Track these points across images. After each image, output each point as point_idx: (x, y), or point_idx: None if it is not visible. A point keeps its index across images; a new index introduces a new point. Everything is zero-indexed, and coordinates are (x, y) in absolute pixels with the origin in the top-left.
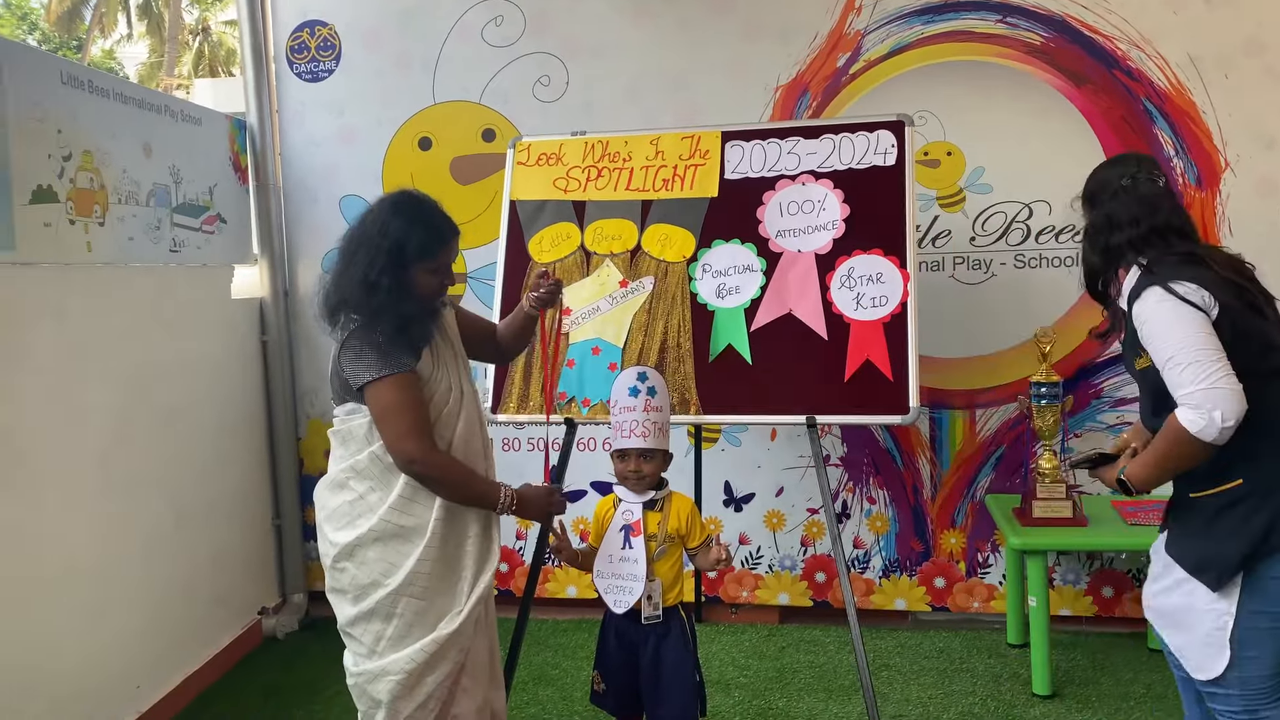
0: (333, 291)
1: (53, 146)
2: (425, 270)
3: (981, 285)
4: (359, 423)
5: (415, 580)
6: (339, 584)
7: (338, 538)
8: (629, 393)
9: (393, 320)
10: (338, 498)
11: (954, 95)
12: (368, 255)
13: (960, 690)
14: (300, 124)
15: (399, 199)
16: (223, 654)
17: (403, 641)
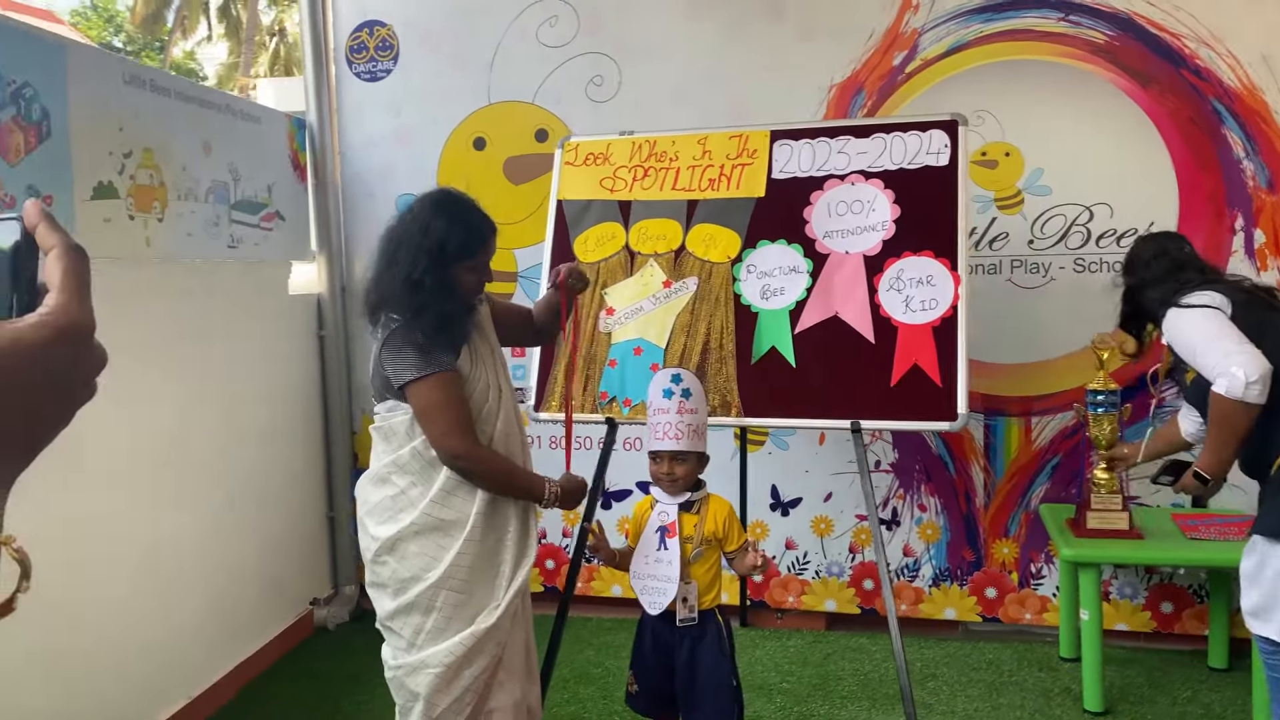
0: (373, 290)
1: (114, 144)
2: (466, 268)
3: (1039, 290)
4: (400, 419)
5: (455, 574)
6: (379, 578)
7: (379, 532)
8: (663, 394)
9: (434, 319)
10: (379, 492)
11: (1013, 95)
12: (410, 254)
13: (1008, 704)
14: (359, 123)
15: (439, 198)
16: (274, 642)
17: (441, 635)
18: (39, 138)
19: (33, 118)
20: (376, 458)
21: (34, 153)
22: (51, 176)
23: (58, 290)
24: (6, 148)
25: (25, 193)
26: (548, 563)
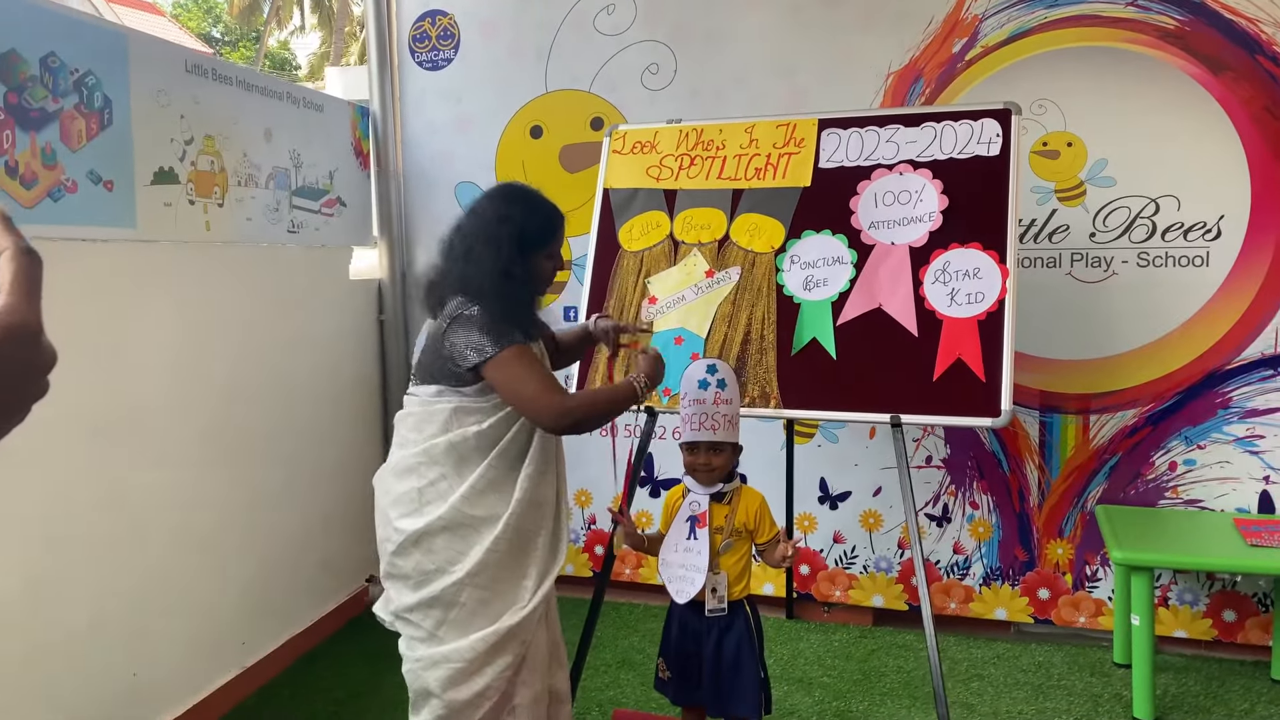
0: (445, 280)
1: (175, 131)
2: (544, 256)
3: (1100, 284)
4: (441, 407)
5: (482, 571)
6: (400, 570)
7: (404, 524)
8: (699, 385)
9: (514, 306)
10: (404, 483)
11: (1077, 83)
12: (494, 246)
13: (1054, 708)
14: (420, 111)
15: (509, 191)
16: (328, 618)
17: (463, 630)
18: (100, 125)
19: (94, 105)
20: (402, 446)
21: (95, 139)
22: (112, 162)
23: (6, 291)
24: (69, 134)
25: (87, 178)
26: (597, 548)
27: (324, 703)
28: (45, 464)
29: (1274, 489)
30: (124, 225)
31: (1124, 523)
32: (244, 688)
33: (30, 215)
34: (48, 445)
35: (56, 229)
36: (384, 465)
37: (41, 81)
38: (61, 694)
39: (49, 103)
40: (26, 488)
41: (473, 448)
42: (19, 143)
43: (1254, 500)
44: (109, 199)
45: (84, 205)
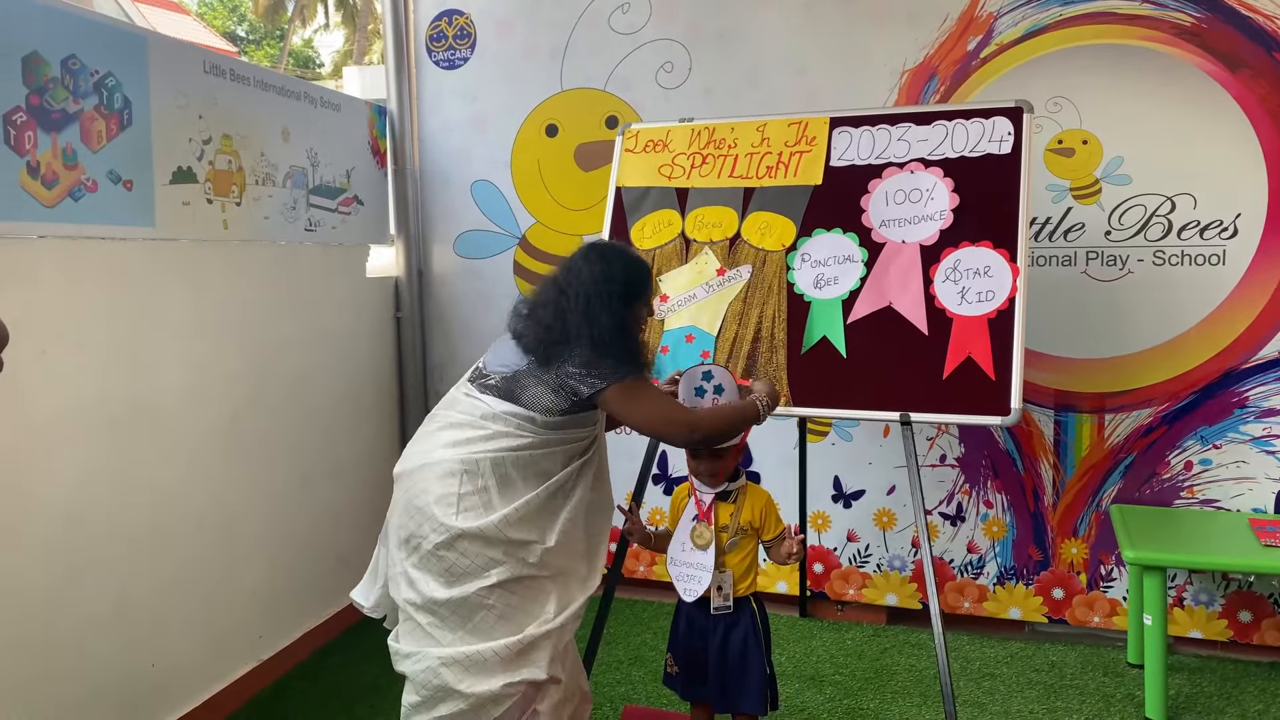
0: (574, 336)
1: (193, 131)
2: (642, 304)
3: (1116, 283)
4: (501, 427)
5: (513, 583)
6: (432, 567)
7: (450, 521)
8: (695, 393)
9: (635, 354)
10: (447, 485)
11: (1092, 81)
12: (605, 303)
13: (1065, 707)
14: (437, 110)
15: (603, 249)
16: (344, 612)
17: (487, 634)
18: (120, 125)
19: (114, 106)
20: (460, 446)
21: (115, 139)
22: (132, 162)
23: None
24: (89, 135)
25: (107, 178)
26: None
27: (339, 696)
28: (68, 457)
29: None
30: (143, 224)
31: (1138, 522)
32: (260, 680)
33: (51, 214)
34: (71, 439)
35: (77, 228)
36: (416, 459)
37: (62, 83)
38: (81, 682)
39: (70, 104)
40: (51, 480)
41: (520, 471)
42: (40, 143)
43: (1270, 500)
44: (128, 198)
45: (104, 205)
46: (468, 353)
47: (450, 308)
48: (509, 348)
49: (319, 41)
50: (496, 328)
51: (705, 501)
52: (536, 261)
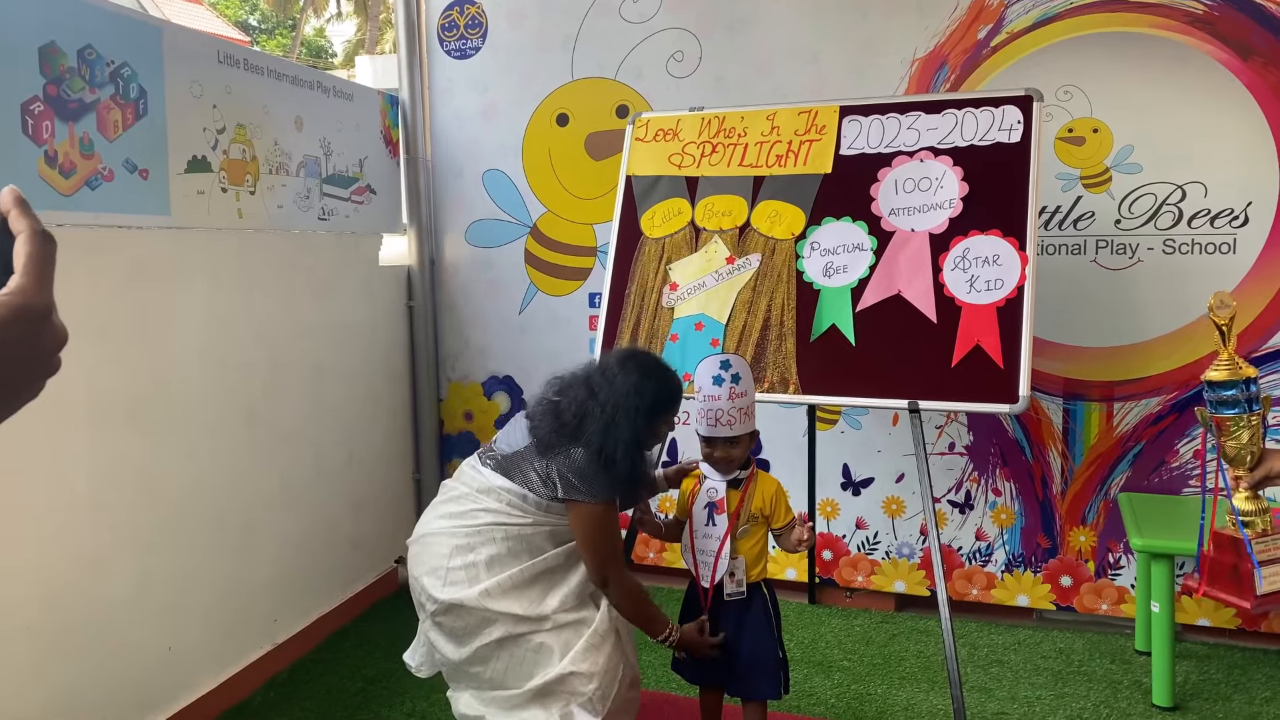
0: (588, 438)
1: (208, 120)
2: (665, 421)
3: (1125, 271)
4: (518, 517)
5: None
6: (442, 630)
7: (437, 593)
8: (713, 382)
9: (636, 477)
10: (442, 558)
11: (1103, 69)
12: (629, 417)
13: (1073, 694)
14: (448, 100)
15: (643, 361)
16: (357, 597)
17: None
18: (136, 115)
19: (130, 96)
20: (446, 518)
21: (131, 129)
22: (147, 151)
23: (20, 273)
24: (105, 124)
25: (123, 167)
26: None
27: (353, 679)
28: (86, 445)
29: None
30: (159, 213)
31: (1146, 510)
32: (275, 663)
33: (68, 203)
34: (88, 426)
35: (94, 216)
36: (420, 529)
37: (79, 73)
38: (100, 664)
39: (86, 94)
40: (72, 468)
41: (509, 545)
42: (58, 133)
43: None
44: (144, 187)
45: (120, 193)
46: (479, 341)
47: (462, 296)
48: (520, 427)
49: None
50: (507, 317)
51: (718, 490)
52: (547, 250)
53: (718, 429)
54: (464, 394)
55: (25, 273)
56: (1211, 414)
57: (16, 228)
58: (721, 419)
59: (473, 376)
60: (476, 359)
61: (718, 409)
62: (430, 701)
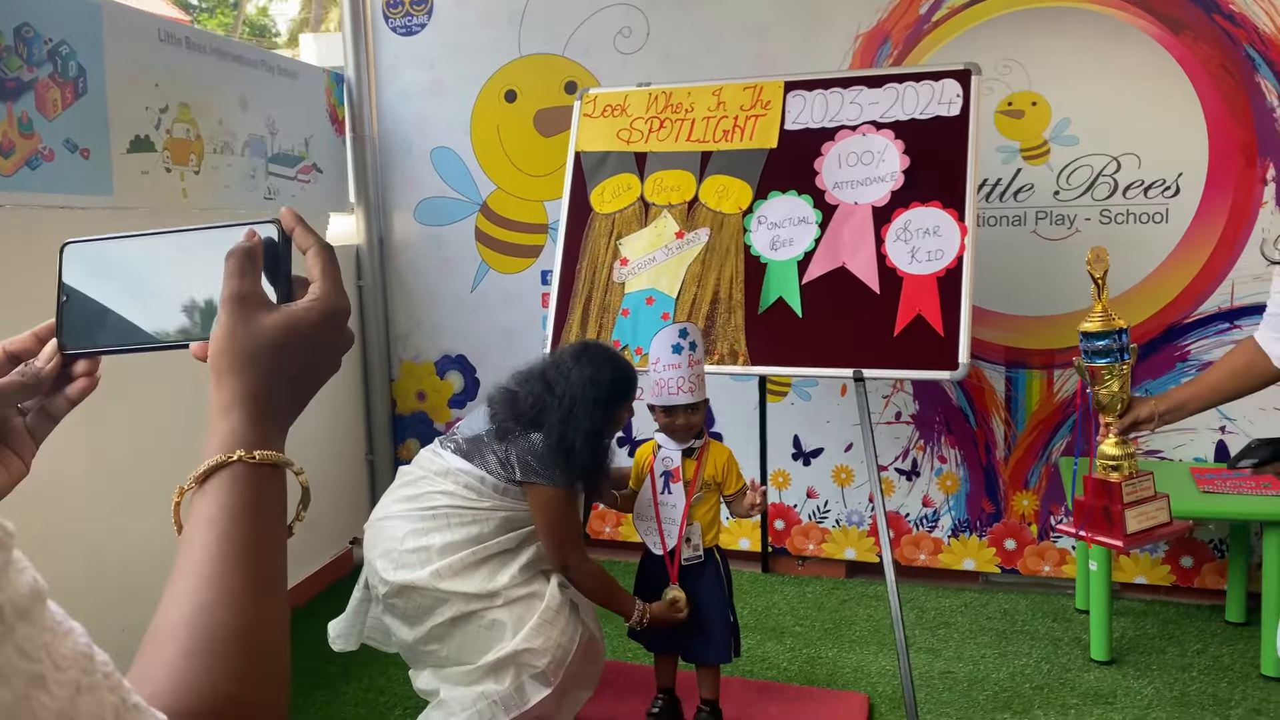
0: (548, 428)
1: (150, 100)
2: (624, 409)
3: (1064, 241)
4: (474, 500)
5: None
6: (393, 613)
7: (390, 575)
8: (673, 350)
9: (596, 467)
10: (395, 541)
11: (1041, 43)
12: (587, 408)
13: (1015, 651)
14: (394, 77)
15: (596, 353)
16: (313, 578)
17: (458, 657)
18: (75, 94)
19: (69, 74)
20: (401, 502)
21: (70, 108)
22: (88, 131)
23: (321, 280)
24: (44, 103)
25: (64, 146)
26: None
27: (309, 659)
28: None
29: (1229, 439)
30: (101, 193)
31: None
32: None
33: (9, 183)
34: None
35: (35, 196)
36: (375, 513)
37: (16, 51)
38: None
39: (24, 72)
40: None
41: (463, 529)
42: None
43: (1211, 450)
44: (86, 167)
45: (61, 173)
46: (431, 320)
47: (412, 275)
48: (481, 413)
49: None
50: (459, 295)
51: (674, 459)
52: (498, 228)
53: (679, 396)
54: (416, 373)
55: (327, 279)
56: (1086, 363)
57: (304, 243)
58: (684, 386)
59: (425, 356)
60: (428, 338)
61: (679, 377)
62: (388, 678)
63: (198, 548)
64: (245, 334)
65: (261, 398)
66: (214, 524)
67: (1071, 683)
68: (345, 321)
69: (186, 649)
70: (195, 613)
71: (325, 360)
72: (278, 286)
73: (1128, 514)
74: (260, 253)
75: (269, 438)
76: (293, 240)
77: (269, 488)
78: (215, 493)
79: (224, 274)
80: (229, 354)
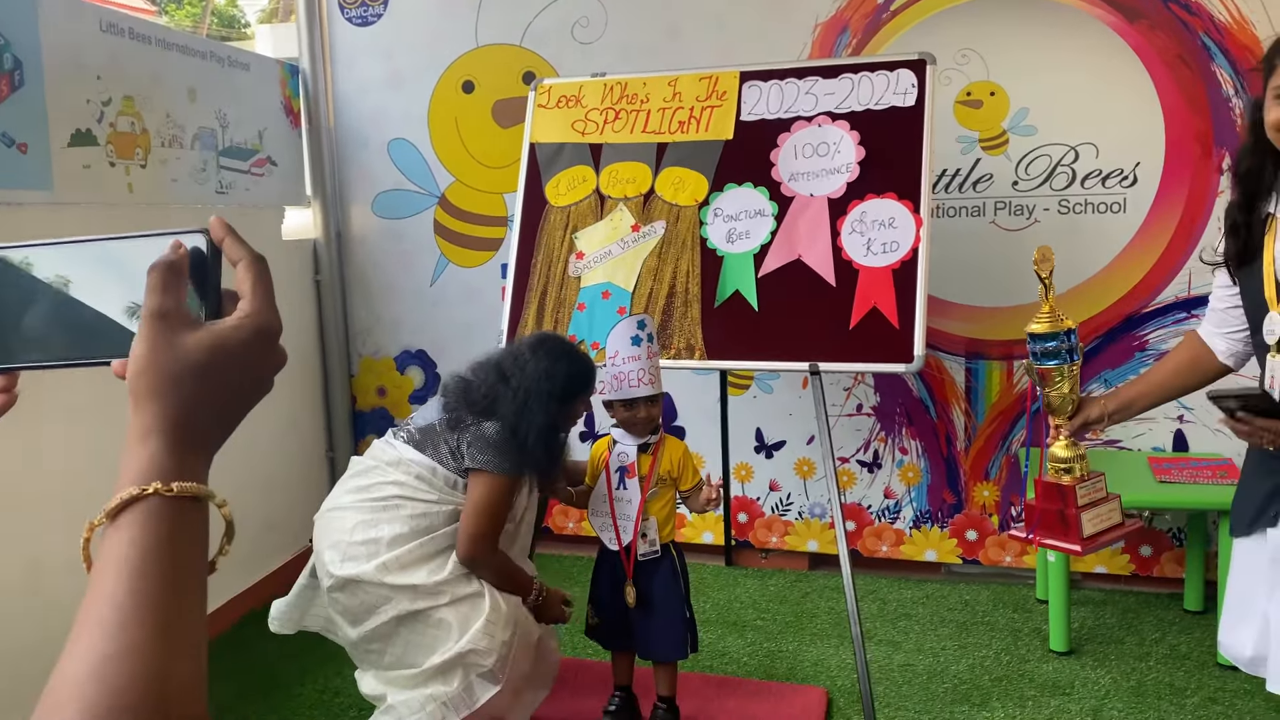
0: (503, 418)
1: (91, 92)
2: (582, 402)
3: (1023, 232)
4: (424, 492)
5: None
6: (336, 609)
7: (335, 569)
8: (632, 342)
9: (553, 459)
10: (343, 533)
11: (999, 33)
12: (542, 401)
13: (976, 642)
14: (351, 68)
15: (553, 346)
16: (271, 577)
17: (401, 661)
18: (11, 86)
19: (4, 66)
20: (351, 493)
21: (6, 101)
22: (25, 124)
23: (250, 296)
24: None
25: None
26: None
27: (265, 660)
28: None
29: (1187, 428)
30: (40, 188)
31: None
32: None
33: None
34: None
35: None
36: (325, 504)
37: None
38: None
39: None
40: None
41: (413, 521)
42: None
43: (1169, 439)
44: (23, 161)
45: None
46: (390, 315)
47: (371, 269)
48: (435, 403)
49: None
50: (419, 289)
51: (629, 454)
52: (457, 221)
53: (640, 389)
54: (376, 369)
55: (257, 296)
56: (1037, 365)
57: (234, 255)
58: (644, 378)
59: (385, 351)
60: (388, 333)
61: (640, 369)
62: (344, 678)
63: (106, 591)
64: (167, 354)
65: (183, 424)
66: (125, 564)
67: (1030, 674)
68: (277, 340)
69: (91, 708)
70: (100, 665)
71: (254, 382)
72: (205, 301)
73: (1083, 517)
74: (186, 266)
75: (190, 467)
76: (222, 252)
77: (188, 522)
78: (128, 528)
79: (146, 289)
80: (149, 375)
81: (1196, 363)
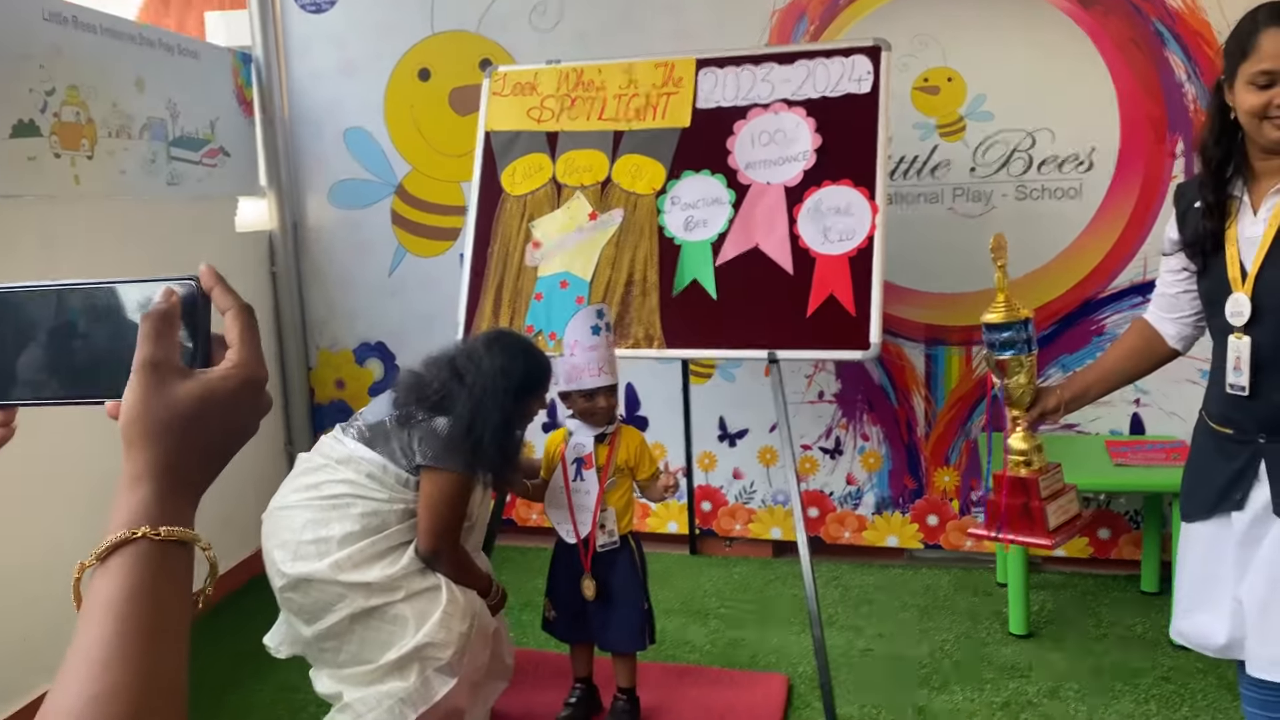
0: (456, 416)
1: (34, 82)
2: (537, 400)
3: (981, 218)
4: (374, 489)
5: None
6: (290, 608)
7: (286, 568)
8: (592, 332)
9: (508, 458)
10: (293, 531)
11: (956, 18)
12: (497, 399)
13: (936, 626)
14: (305, 56)
15: (508, 343)
16: (233, 572)
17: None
18: None
19: None
20: (299, 491)
21: None
22: None
23: (239, 346)
24: None
25: None
26: None
27: (224, 656)
28: None
29: (1144, 411)
30: None
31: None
32: None
33: None
34: None
35: None
36: (273, 503)
37: None
38: None
39: None
40: None
41: (364, 519)
42: None
43: (1126, 423)
44: None
45: None
46: (348, 306)
47: (327, 261)
48: (386, 399)
49: None
50: (377, 280)
51: (586, 445)
52: (415, 210)
53: (600, 378)
54: (334, 361)
55: (245, 345)
56: (994, 356)
57: (223, 304)
58: (604, 368)
59: (343, 343)
60: (346, 325)
61: (600, 358)
62: (303, 676)
63: (94, 632)
64: (159, 403)
65: (172, 470)
66: (112, 606)
67: (989, 657)
68: (263, 389)
69: None
70: (85, 706)
71: (240, 430)
72: (195, 347)
73: (1048, 509)
74: (177, 316)
75: (178, 512)
76: (211, 300)
77: (173, 566)
78: (117, 572)
79: (139, 337)
80: (141, 423)
81: (1147, 347)
